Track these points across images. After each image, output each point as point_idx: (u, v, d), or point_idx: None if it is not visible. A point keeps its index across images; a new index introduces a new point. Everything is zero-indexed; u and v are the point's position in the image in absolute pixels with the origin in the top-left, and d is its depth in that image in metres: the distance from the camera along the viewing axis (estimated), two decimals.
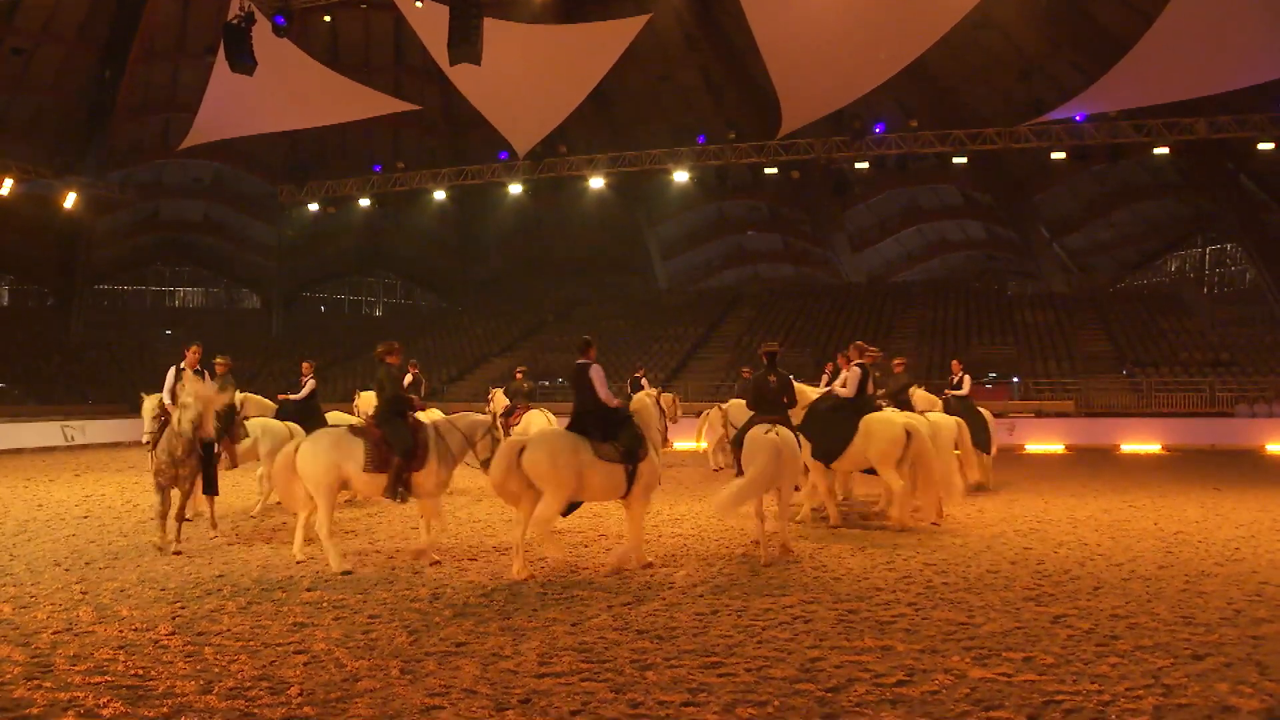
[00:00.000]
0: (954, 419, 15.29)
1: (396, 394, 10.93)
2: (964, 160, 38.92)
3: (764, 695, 6.15)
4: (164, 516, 11.52)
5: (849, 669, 6.68)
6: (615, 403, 10.43)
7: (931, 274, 51.78)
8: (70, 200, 41.72)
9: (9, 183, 38.90)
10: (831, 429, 13.31)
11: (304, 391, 16.39)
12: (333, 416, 16.49)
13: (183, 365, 12.17)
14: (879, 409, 13.89)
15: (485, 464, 10.64)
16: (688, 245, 53.62)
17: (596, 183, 42.36)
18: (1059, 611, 8.31)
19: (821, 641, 7.40)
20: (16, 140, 41.39)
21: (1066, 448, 30.10)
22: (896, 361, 17.38)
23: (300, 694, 6.19)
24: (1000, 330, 41.17)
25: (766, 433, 11.10)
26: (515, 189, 42.97)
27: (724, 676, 6.53)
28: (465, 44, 25.81)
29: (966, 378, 18.71)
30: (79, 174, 42.34)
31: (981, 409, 18.67)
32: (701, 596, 9.00)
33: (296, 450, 10.52)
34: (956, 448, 14.87)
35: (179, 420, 11.30)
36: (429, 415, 12.59)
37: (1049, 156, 37.76)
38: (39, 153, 41.81)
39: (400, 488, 10.38)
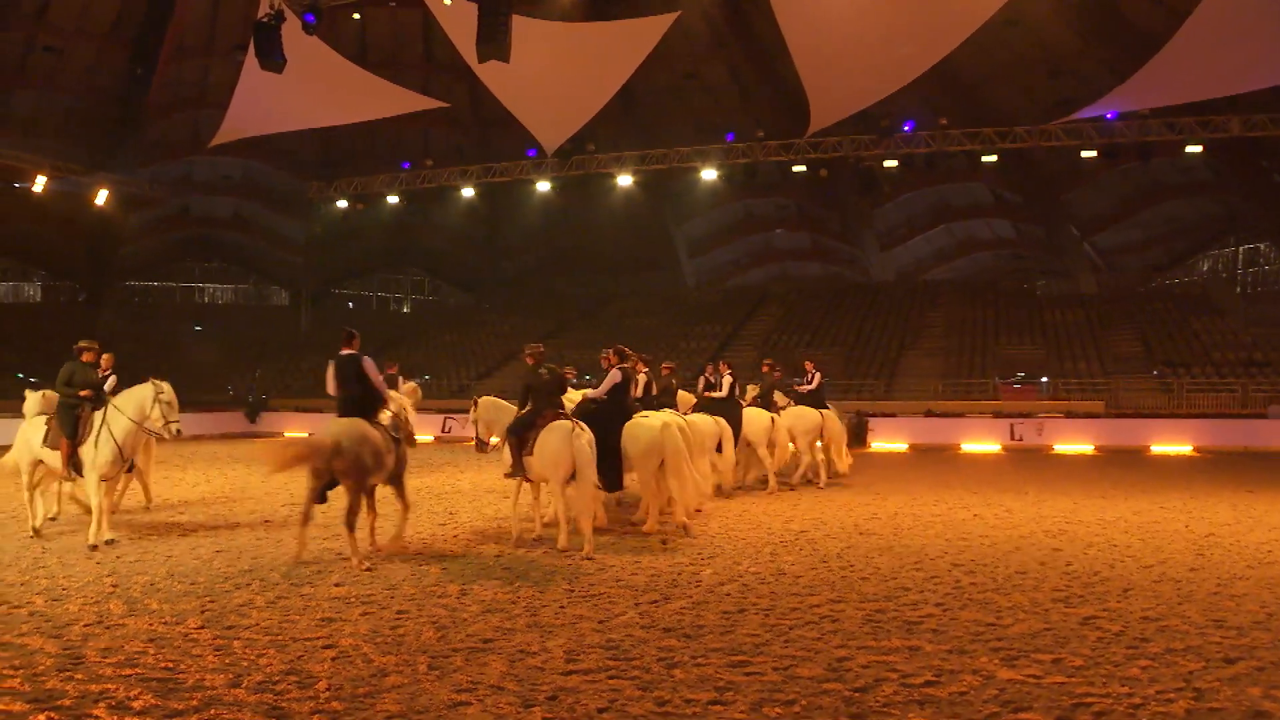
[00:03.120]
0: (713, 419, 15.71)
1: None
2: (993, 159, 38.69)
3: (791, 694, 6.15)
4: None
5: (876, 669, 6.67)
6: (389, 393, 11.27)
7: (960, 273, 51.53)
8: (102, 197, 42.14)
9: (42, 180, 39.35)
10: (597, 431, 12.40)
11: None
12: None
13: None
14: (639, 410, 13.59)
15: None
16: (715, 243, 53.54)
17: (624, 180, 42.36)
18: (1088, 613, 8.27)
19: (849, 641, 7.39)
20: (49, 137, 41.79)
21: (1096, 448, 29.93)
22: (765, 362, 18.95)
23: (328, 688, 6.22)
24: (1029, 330, 40.94)
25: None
26: (543, 186, 43.04)
27: (751, 675, 6.53)
28: (493, 41, 25.78)
29: (818, 375, 19.62)
30: (110, 171, 42.78)
31: (831, 406, 19.75)
32: (728, 595, 8.99)
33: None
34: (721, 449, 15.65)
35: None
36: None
37: (1079, 155, 37.47)
38: (71, 150, 42.21)
39: None
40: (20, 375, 35.39)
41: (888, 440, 32.01)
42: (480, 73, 32.59)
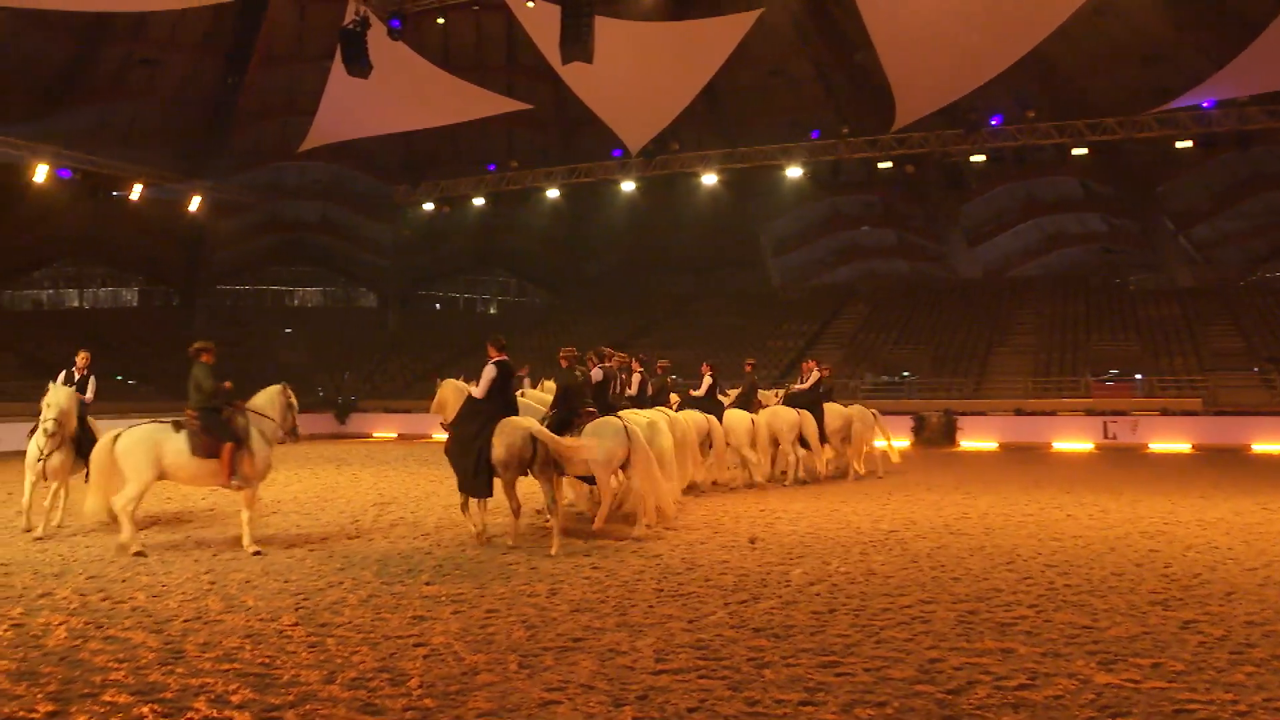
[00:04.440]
0: (704, 417, 16.50)
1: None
2: (1084, 151, 38.01)
3: (883, 696, 6.08)
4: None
5: (969, 671, 6.57)
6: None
7: (1049, 268, 50.59)
8: (195, 203, 43.33)
9: (139, 188, 40.49)
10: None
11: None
12: None
13: (73, 369, 12.46)
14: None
15: None
16: (800, 241, 53.18)
17: (709, 179, 42.32)
18: (1188, 617, 8.06)
19: (941, 642, 7.29)
20: (145, 147, 42.91)
21: (1194, 447, 29.24)
22: (748, 362, 19.41)
23: (420, 686, 6.29)
24: (1122, 325, 40.08)
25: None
26: (628, 186, 43.19)
27: (842, 676, 6.47)
28: (577, 43, 25.99)
29: (814, 375, 19.76)
30: (203, 178, 43.90)
31: (855, 406, 20.39)
32: (818, 595, 8.93)
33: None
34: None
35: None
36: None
37: (1174, 145, 36.67)
38: (166, 158, 43.38)
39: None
40: (119, 378, 36.36)
41: (977, 439, 31.62)
42: (564, 74, 32.85)
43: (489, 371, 11.78)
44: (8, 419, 29.76)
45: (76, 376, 12.85)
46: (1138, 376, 35.42)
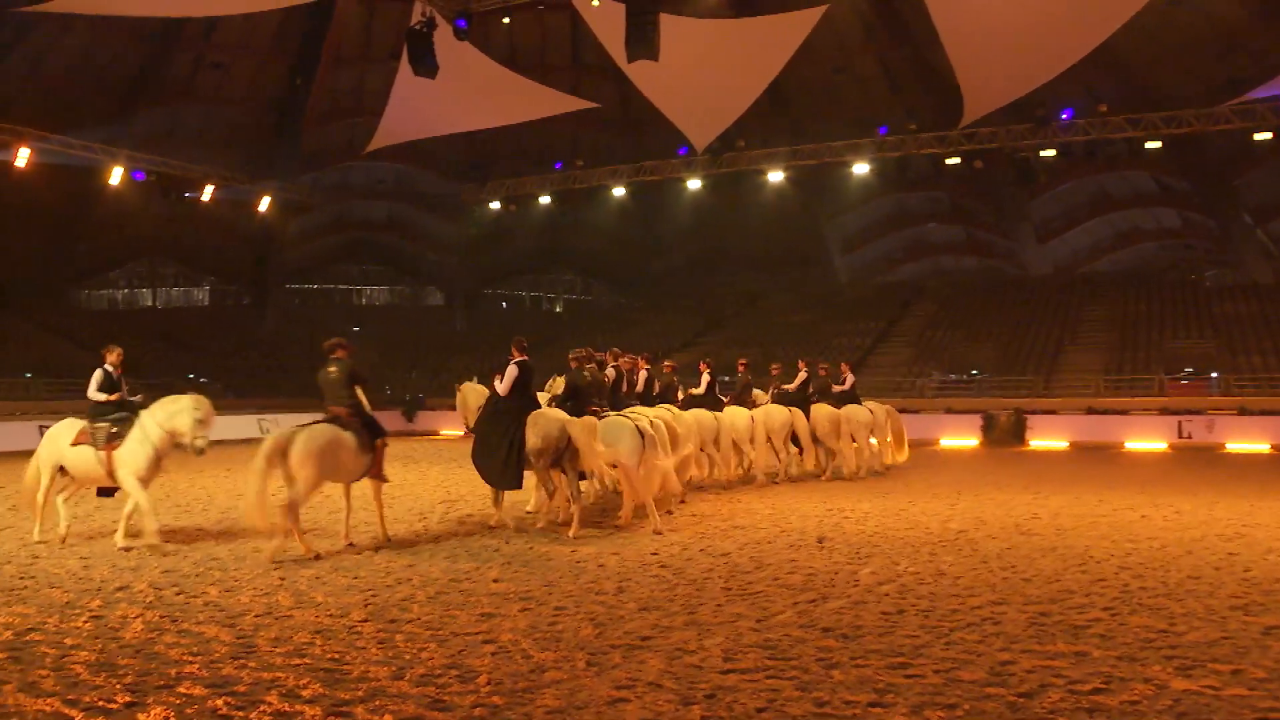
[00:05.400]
0: (711, 415, 17.11)
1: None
2: (1158, 145, 37.40)
3: (953, 698, 6.01)
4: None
5: (1041, 674, 6.47)
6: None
7: (1121, 265, 49.71)
8: (264, 204, 44.03)
9: (210, 189, 41.25)
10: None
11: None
12: None
13: (107, 366, 11.81)
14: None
15: None
16: (867, 238, 52.78)
17: (775, 177, 42.21)
18: (1271, 622, 7.85)
19: (1012, 645, 7.19)
20: (216, 149, 43.70)
21: (1273, 447, 28.60)
22: (740, 361, 19.73)
23: (489, 683, 6.31)
24: (1197, 323, 39.29)
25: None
26: (694, 184, 43.19)
27: (911, 678, 6.41)
28: (642, 41, 26.00)
29: (802, 374, 19.95)
30: (272, 179, 44.61)
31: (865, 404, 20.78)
32: (887, 595, 8.86)
33: None
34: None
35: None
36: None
37: (1251, 138, 35.93)
38: (236, 160, 44.17)
39: None
40: (191, 376, 36.98)
41: (1047, 438, 31.22)
42: (629, 72, 32.88)
43: (512, 371, 12.30)
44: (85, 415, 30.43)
45: (115, 375, 12.22)
46: (1213, 375, 34.69)
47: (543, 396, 14.12)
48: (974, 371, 38.75)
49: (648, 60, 26.70)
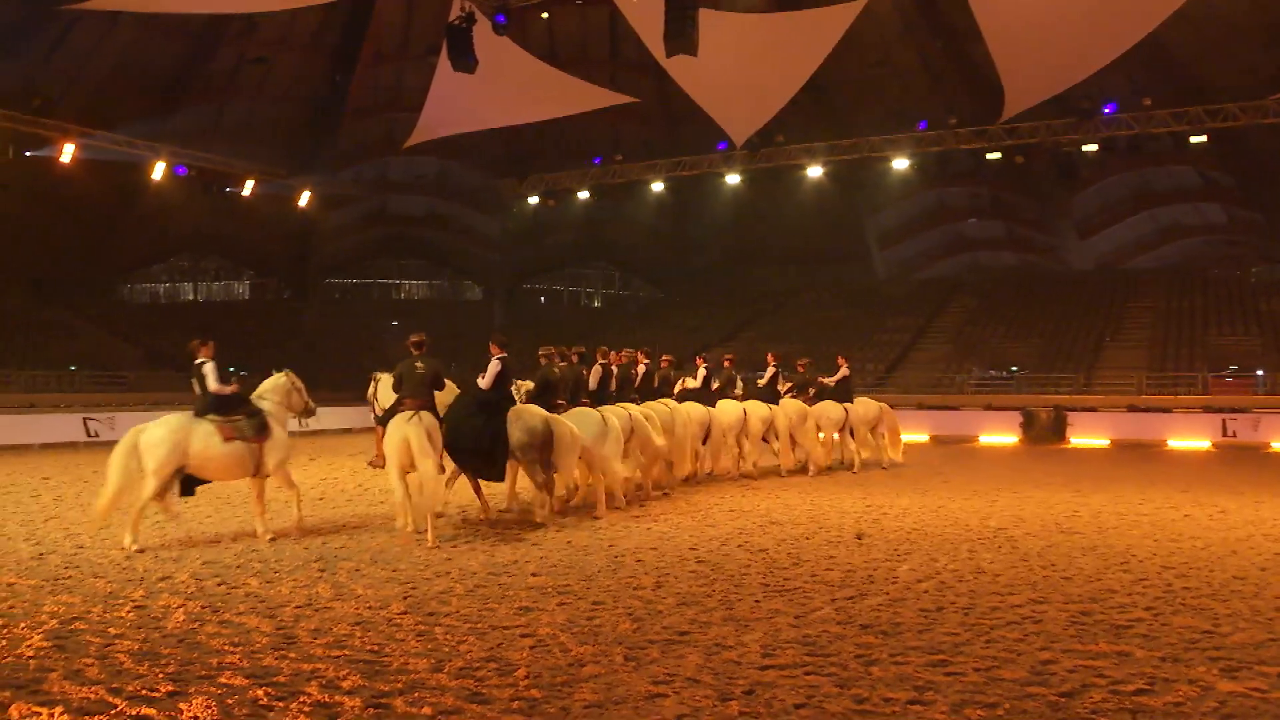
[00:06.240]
0: (704, 409, 17.53)
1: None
2: (1203, 139, 36.87)
3: (993, 697, 5.97)
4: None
5: (1083, 674, 6.42)
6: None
7: (1164, 261, 49.11)
8: (304, 198, 44.33)
9: (250, 184, 41.58)
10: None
11: None
12: None
13: (200, 359, 11.76)
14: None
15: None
16: (906, 234, 52.37)
17: (814, 172, 42.00)
18: None
19: (1053, 644, 7.13)
20: (257, 144, 43.95)
21: None
22: (726, 357, 20.26)
23: (527, 676, 6.33)
24: (1242, 320, 38.77)
25: (408, 420, 11.55)
26: (732, 179, 43.10)
27: (951, 675, 6.37)
28: (681, 35, 25.90)
29: (771, 368, 20.14)
30: (312, 173, 44.90)
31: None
32: (926, 592, 8.82)
33: None
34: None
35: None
36: None
37: None
38: (276, 154, 44.43)
39: None
40: (231, 369, 37.31)
41: (1088, 435, 30.91)
42: (668, 67, 32.81)
43: (495, 365, 12.78)
44: (130, 408, 30.83)
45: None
46: (1259, 372, 34.22)
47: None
48: (1014, 368, 38.46)
49: (687, 55, 26.63)
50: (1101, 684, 6.20)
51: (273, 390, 12.11)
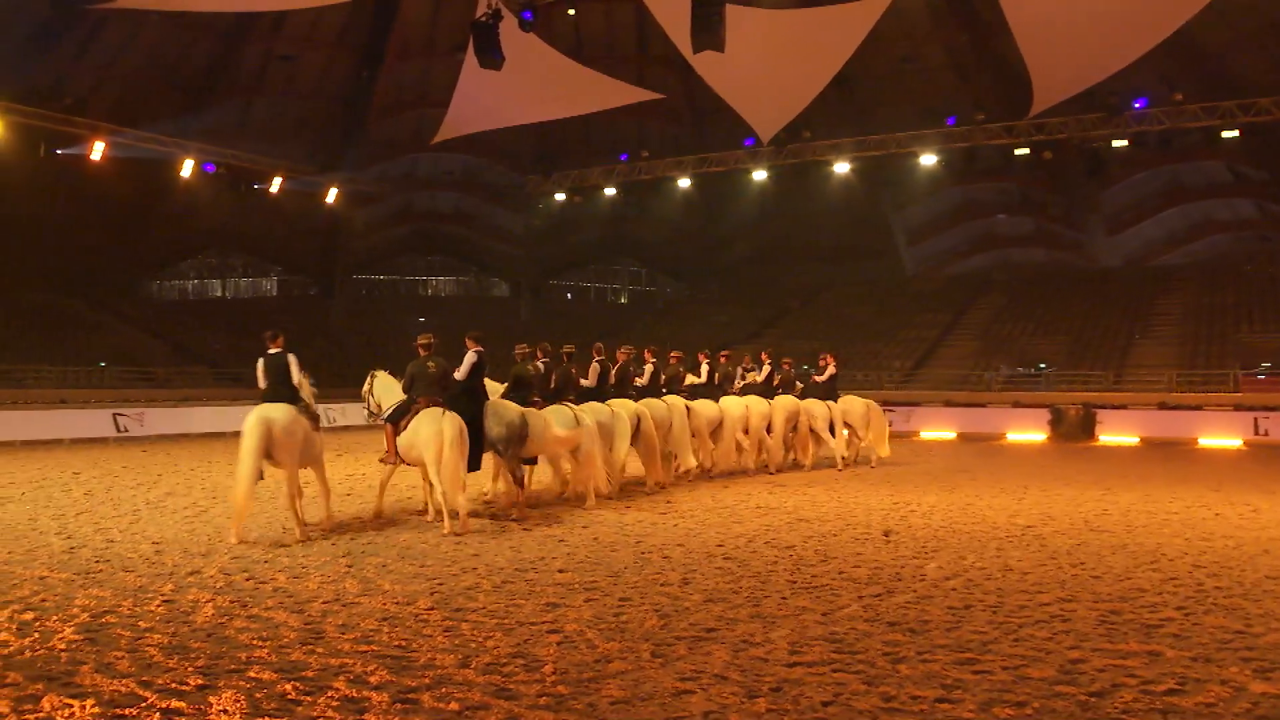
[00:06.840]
0: (715, 405, 18.12)
1: None
2: (1234, 134, 36.56)
3: (1022, 695, 5.93)
4: None
5: (1113, 673, 6.37)
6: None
7: (1195, 257, 48.67)
8: (331, 195, 44.57)
9: (278, 181, 41.82)
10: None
11: None
12: None
13: (274, 350, 12.06)
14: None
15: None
16: (934, 230, 52.10)
17: (841, 168, 41.91)
18: None
19: (1082, 642, 7.08)
20: (284, 141, 44.19)
21: None
22: (722, 354, 20.35)
23: (554, 672, 6.34)
24: (1275, 317, 38.34)
25: (441, 415, 12.04)
26: (759, 175, 43.04)
27: (979, 674, 6.34)
28: (708, 31, 25.85)
29: (766, 367, 20.57)
30: (339, 170, 45.13)
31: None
32: (954, 590, 8.77)
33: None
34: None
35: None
36: None
37: None
38: (303, 152, 44.73)
39: None
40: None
41: (1117, 433, 30.69)
42: (695, 63, 32.70)
43: (470, 357, 13.23)
44: (159, 404, 31.03)
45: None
46: None
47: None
48: (1042, 365, 38.24)
49: (713, 51, 26.57)
50: (1132, 684, 6.15)
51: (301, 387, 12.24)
